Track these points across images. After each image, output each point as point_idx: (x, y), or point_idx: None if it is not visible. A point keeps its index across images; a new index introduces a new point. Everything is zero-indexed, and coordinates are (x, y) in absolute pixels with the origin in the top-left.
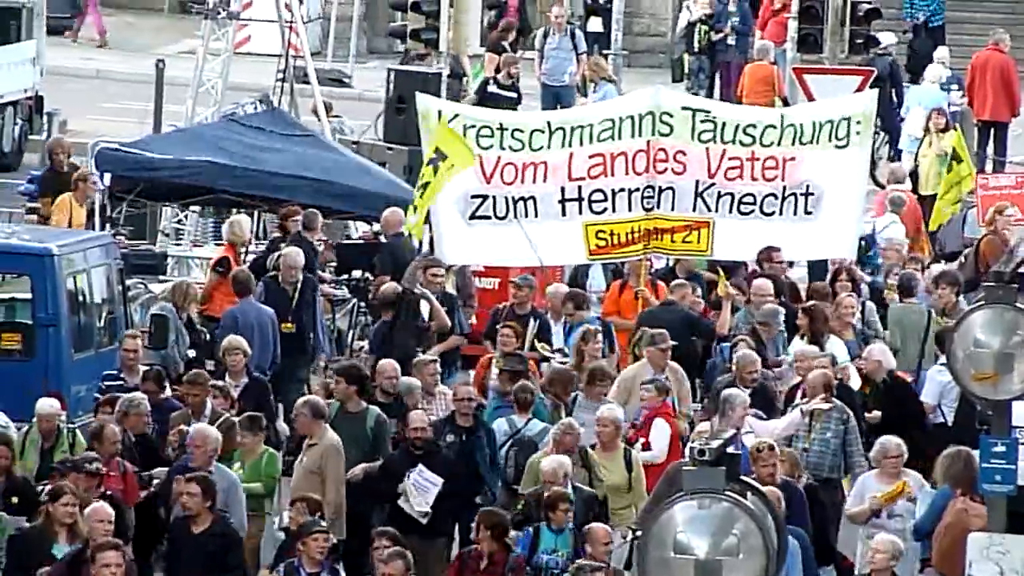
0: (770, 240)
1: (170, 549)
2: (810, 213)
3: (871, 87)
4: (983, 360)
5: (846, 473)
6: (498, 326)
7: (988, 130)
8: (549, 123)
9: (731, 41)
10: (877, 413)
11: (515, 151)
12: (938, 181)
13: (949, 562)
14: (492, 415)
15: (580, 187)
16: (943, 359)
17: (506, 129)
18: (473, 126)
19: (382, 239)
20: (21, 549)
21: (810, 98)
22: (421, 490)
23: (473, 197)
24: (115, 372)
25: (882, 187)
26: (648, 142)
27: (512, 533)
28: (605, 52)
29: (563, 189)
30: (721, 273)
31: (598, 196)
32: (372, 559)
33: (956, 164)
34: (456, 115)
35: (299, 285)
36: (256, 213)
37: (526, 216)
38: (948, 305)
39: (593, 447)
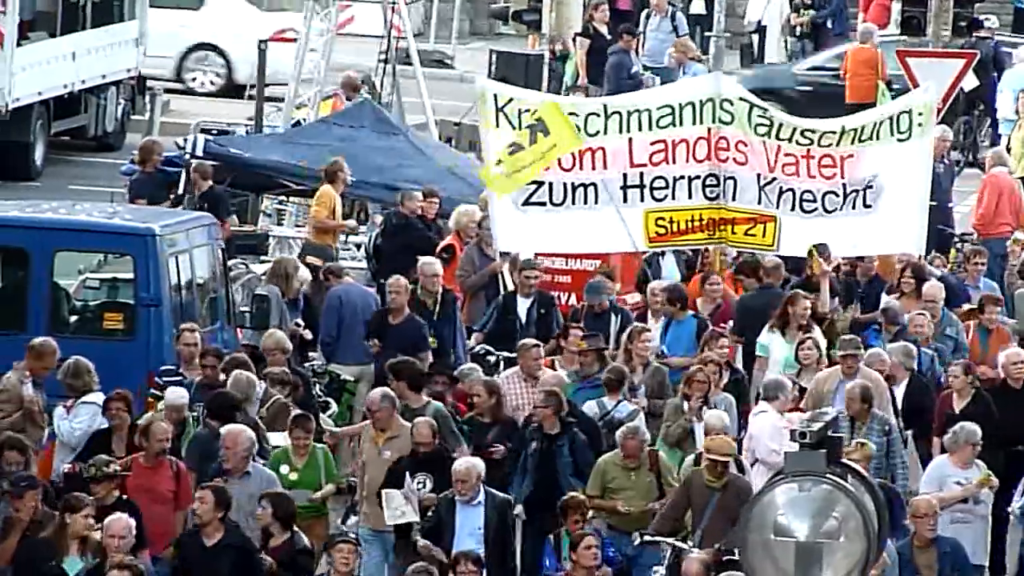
0: (834, 236)
1: (181, 563)
2: (869, 206)
3: (974, 71)
4: None
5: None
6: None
7: None
8: (605, 106)
9: (826, 22)
10: None
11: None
12: None
13: None
14: (573, 397)
15: (642, 174)
16: None
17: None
18: (528, 110)
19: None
20: (33, 560)
21: (912, 81)
22: (409, 501)
23: (528, 183)
24: (173, 367)
25: (983, 170)
26: (709, 129)
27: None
28: (708, 34)
29: (625, 176)
30: (814, 251)
31: (659, 183)
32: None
33: None
34: (511, 99)
35: (440, 297)
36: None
37: (584, 203)
38: None
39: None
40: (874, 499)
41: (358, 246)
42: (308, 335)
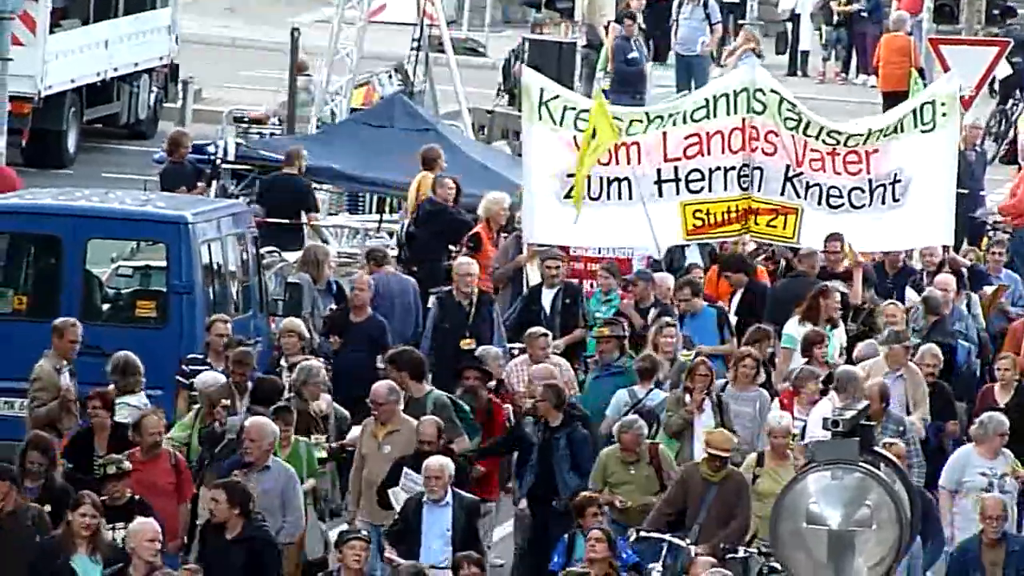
0: (863, 231)
1: (201, 555)
2: (898, 200)
3: (1007, 59)
4: None
5: None
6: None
7: None
8: (647, 114)
9: (864, 13)
10: None
11: None
12: None
13: None
14: (593, 385)
15: (676, 167)
16: None
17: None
18: (573, 108)
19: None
20: (42, 558)
21: (945, 69)
22: (408, 492)
23: (569, 176)
24: (199, 356)
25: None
26: (743, 119)
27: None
28: (740, 22)
29: (659, 171)
30: (848, 244)
31: (695, 176)
32: None
33: None
34: (557, 96)
35: (475, 298)
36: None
37: (619, 198)
38: None
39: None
40: (907, 487)
41: (391, 234)
42: None
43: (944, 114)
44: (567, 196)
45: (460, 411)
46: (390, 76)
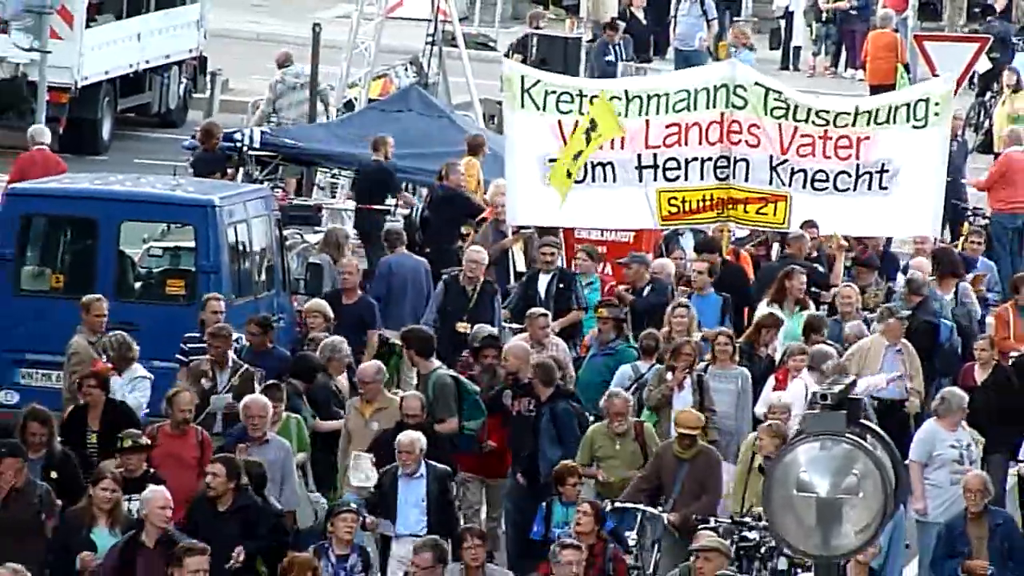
0: (847, 215)
1: (192, 526)
2: (885, 188)
3: (987, 54)
4: None
5: None
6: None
7: None
8: (627, 91)
9: (854, 11)
10: None
11: None
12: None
13: None
14: (588, 363)
15: (655, 155)
16: None
17: (585, 96)
18: (553, 92)
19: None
20: (63, 531)
21: (930, 65)
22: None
23: (550, 161)
24: (196, 335)
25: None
26: (722, 113)
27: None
28: (736, 19)
29: (639, 156)
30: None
31: (672, 164)
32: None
33: None
34: (538, 81)
35: (479, 286)
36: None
37: (604, 181)
38: None
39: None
40: (891, 457)
41: (406, 217)
42: None
43: (937, 113)
44: (549, 181)
45: (465, 392)
46: (406, 69)
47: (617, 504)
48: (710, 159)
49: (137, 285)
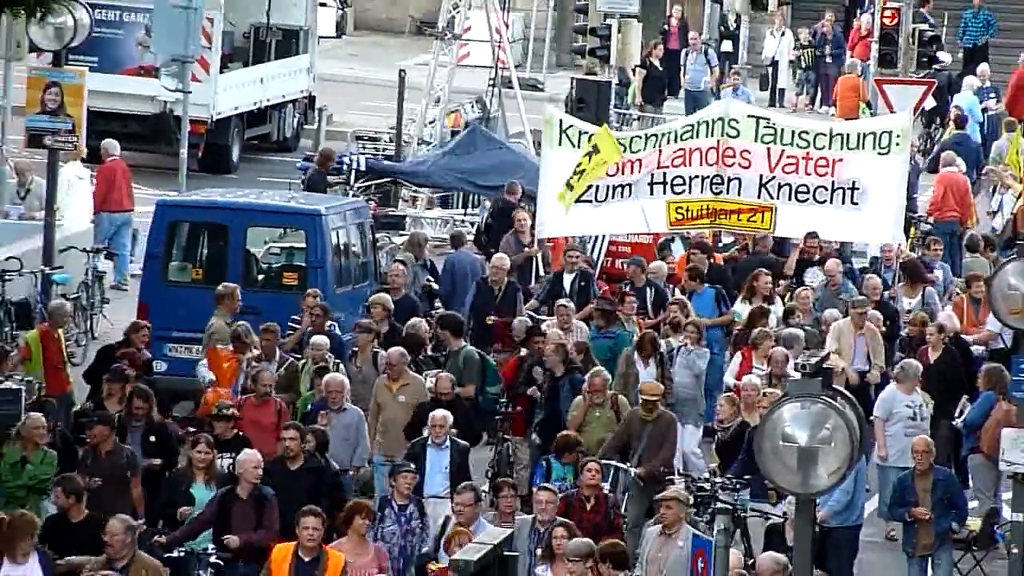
0: (822, 222)
1: (268, 481)
2: (856, 204)
3: (932, 95)
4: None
5: None
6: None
7: None
8: (645, 134)
9: (828, 59)
10: None
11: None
12: None
13: (994, 449)
14: (593, 345)
15: (665, 173)
16: None
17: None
18: (585, 132)
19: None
20: (170, 487)
21: (887, 103)
22: None
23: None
24: (298, 317)
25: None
26: (718, 141)
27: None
28: (734, 67)
29: (652, 175)
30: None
31: (678, 181)
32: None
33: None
34: (572, 125)
35: (504, 286)
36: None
37: (621, 198)
38: None
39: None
40: (857, 416)
41: (473, 223)
42: (436, 287)
43: (898, 143)
44: (577, 201)
45: (487, 364)
46: (472, 106)
47: (601, 461)
48: (707, 177)
49: (260, 277)
